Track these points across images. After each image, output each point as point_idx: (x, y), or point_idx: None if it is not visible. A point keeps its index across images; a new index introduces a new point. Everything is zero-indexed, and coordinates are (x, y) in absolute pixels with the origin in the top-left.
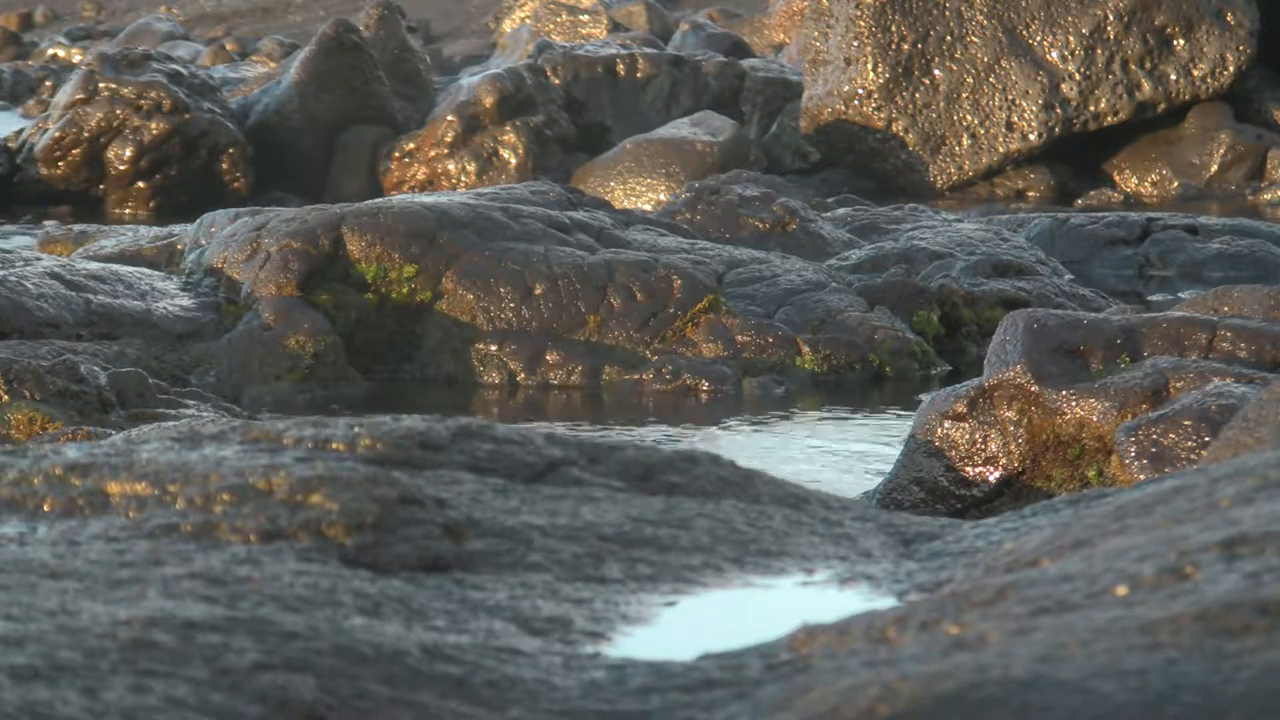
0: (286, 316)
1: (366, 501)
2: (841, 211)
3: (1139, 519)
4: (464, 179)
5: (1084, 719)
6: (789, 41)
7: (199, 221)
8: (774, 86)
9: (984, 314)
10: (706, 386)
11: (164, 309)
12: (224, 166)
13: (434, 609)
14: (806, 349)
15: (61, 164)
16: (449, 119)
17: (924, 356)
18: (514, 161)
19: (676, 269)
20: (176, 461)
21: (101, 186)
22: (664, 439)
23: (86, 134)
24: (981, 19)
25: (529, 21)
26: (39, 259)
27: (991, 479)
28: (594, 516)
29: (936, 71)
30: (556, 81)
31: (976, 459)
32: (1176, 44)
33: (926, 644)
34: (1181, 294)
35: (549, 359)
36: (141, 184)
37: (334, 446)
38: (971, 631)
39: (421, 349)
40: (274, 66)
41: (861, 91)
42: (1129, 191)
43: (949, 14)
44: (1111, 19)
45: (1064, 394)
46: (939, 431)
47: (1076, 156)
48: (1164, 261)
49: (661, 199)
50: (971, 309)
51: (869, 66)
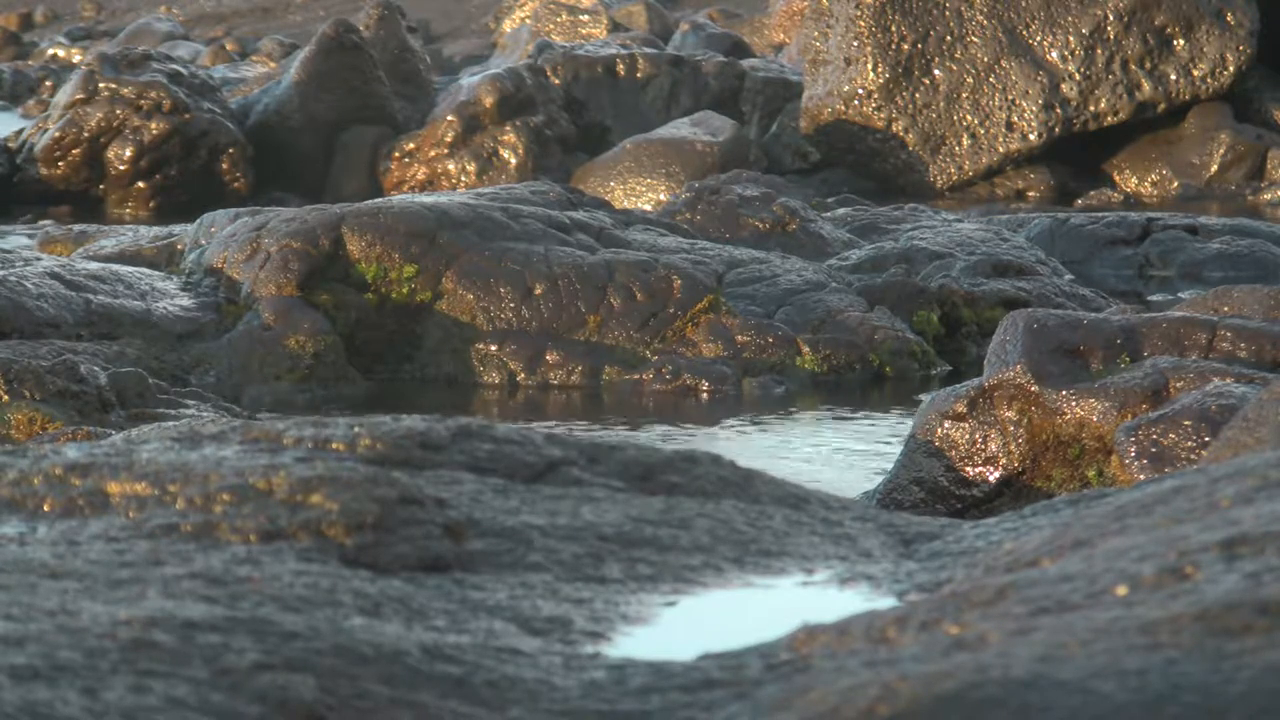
0: (286, 316)
1: (366, 501)
2: (841, 211)
3: (1139, 519)
4: (464, 179)
5: (1084, 719)
6: (789, 41)
7: (199, 221)
8: (774, 86)
9: (984, 314)
10: (706, 386)
11: (164, 309)
12: (224, 166)
13: (434, 609)
14: (806, 349)
15: (61, 164)
16: (449, 119)
17: (924, 356)
18: (514, 161)
19: (676, 269)
20: (176, 461)
21: (101, 186)
22: (664, 439)
23: (86, 134)
24: (981, 19)
25: (529, 21)
26: (39, 259)
27: (991, 479)
28: (594, 516)
29: (936, 71)
30: (556, 81)
31: (976, 459)
32: (1176, 44)
33: (926, 644)
34: (1181, 294)
35: (549, 359)
36: (141, 184)
37: (334, 446)
38: (971, 631)
39: (421, 349)
40: (274, 66)
41: (861, 91)
42: (1129, 191)
43: (949, 14)
44: (1111, 19)
45: (1064, 394)
46: (939, 431)
47: (1076, 156)
48: (1164, 261)
49: (661, 199)
50: (971, 309)
51: (869, 66)
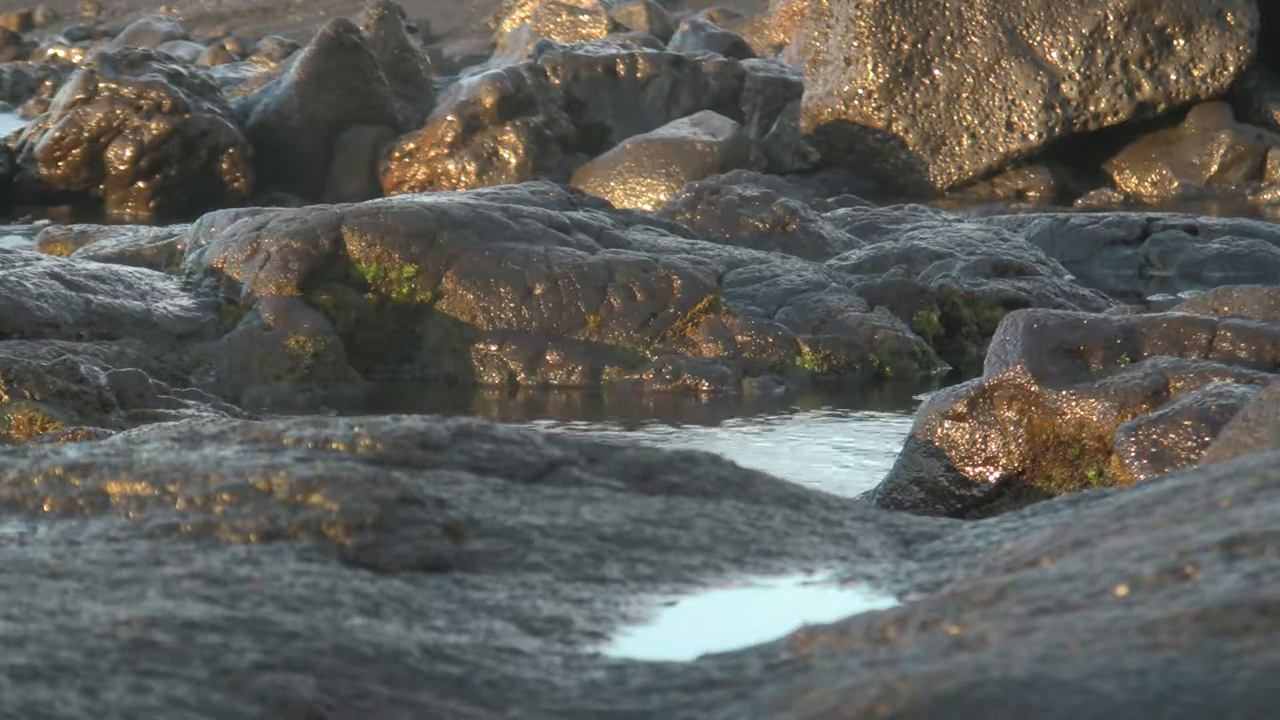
0: (286, 316)
1: (366, 501)
2: (841, 211)
3: (1139, 519)
4: (464, 179)
5: (1084, 719)
6: (789, 41)
7: (199, 221)
8: (774, 86)
9: (984, 314)
10: (706, 386)
11: (164, 309)
12: (224, 166)
13: (434, 609)
14: (806, 349)
15: (61, 164)
16: (449, 119)
17: (924, 356)
18: (514, 161)
19: (676, 269)
20: (176, 461)
21: (101, 186)
22: (664, 439)
23: (86, 134)
24: (981, 19)
25: (529, 21)
26: (39, 259)
27: (991, 479)
28: (594, 516)
29: (936, 71)
30: (556, 81)
31: (976, 459)
32: (1176, 44)
33: (926, 644)
34: (1181, 294)
35: (549, 359)
36: (141, 184)
37: (334, 446)
38: (971, 631)
39: (421, 349)
40: (274, 66)
41: (861, 91)
42: (1129, 191)
43: (949, 14)
44: (1111, 19)
45: (1064, 394)
46: (939, 431)
47: (1076, 156)
48: (1164, 261)
49: (661, 199)
50: (971, 309)
51: (869, 66)
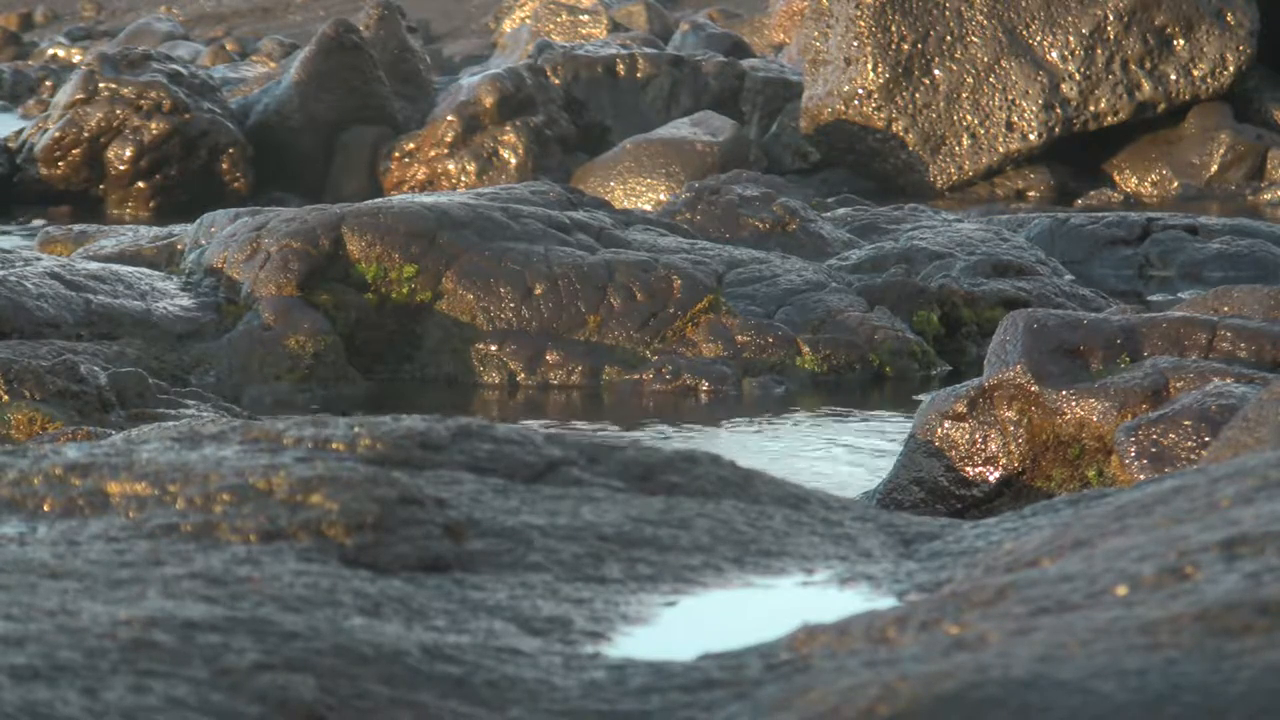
0: (286, 316)
1: (366, 501)
2: (841, 211)
3: (1139, 519)
4: (464, 179)
5: (1084, 719)
6: (789, 41)
7: (199, 221)
8: (774, 86)
9: (984, 314)
10: (706, 386)
11: (164, 309)
12: (224, 166)
13: (434, 609)
14: (806, 349)
15: (61, 164)
16: (449, 119)
17: (924, 356)
18: (514, 161)
19: (676, 269)
20: (176, 461)
21: (101, 186)
22: (664, 439)
23: (86, 134)
24: (981, 19)
25: (529, 21)
26: (39, 259)
27: (991, 479)
28: (594, 516)
29: (936, 71)
30: (556, 81)
31: (976, 459)
32: (1176, 44)
33: (926, 644)
34: (1181, 294)
35: (549, 359)
36: (141, 184)
37: (334, 446)
38: (971, 631)
39: (421, 349)
40: (274, 66)
41: (861, 91)
42: (1129, 191)
43: (949, 14)
44: (1111, 19)
45: (1064, 394)
46: (939, 431)
47: (1076, 156)
48: (1164, 261)
49: (661, 199)
50: (971, 309)
51: (869, 66)
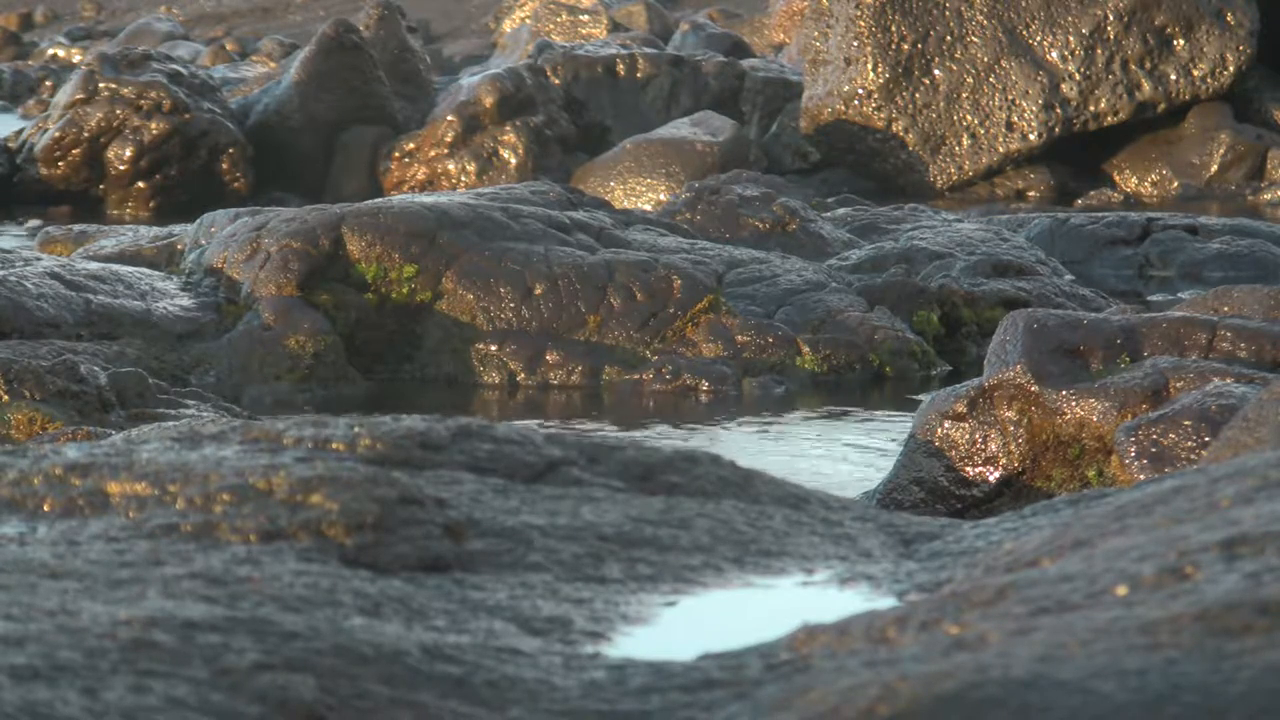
0: (286, 316)
1: (366, 501)
2: (841, 211)
3: (1139, 519)
4: (464, 179)
5: (1084, 719)
6: (789, 41)
7: (199, 221)
8: (774, 86)
9: (984, 314)
10: (706, 386)
11: (164, 309)
12: (224, 166)
13: (434, 609)
14: (806, 349)
15: (61, 164)
16: (449, 119)
17: (924, 356)
18: (514, 161)
19: (676, 269)
20: (176, 461)
21: (101, 186)
22: (664, 439)
23: (86, 134)
24: (981, 19)
25: (529, 21)
26: (39, 259)
27: (991, 479)
28: (594, 516)
29: (936, 71)
30: (556, 81)
31: (976, 459)
32: (1176, 44)
33: (926, 644)
34: (1181, 294)
35: (549, 359)
36: (141, 184)
37: (334, 446)
38: (971, 631)
39: (421, 349)
40: (274, 66)
41: (861, 91)
42: (1129, 191)
43: (949, 14)
44: (1111, 19)
45: (1064, 394)
46: (939, 431)
47: (1076, 156)
48: (1164, 261)
49: (661, 199)
50: (971, 309)
51: (869, 66)
